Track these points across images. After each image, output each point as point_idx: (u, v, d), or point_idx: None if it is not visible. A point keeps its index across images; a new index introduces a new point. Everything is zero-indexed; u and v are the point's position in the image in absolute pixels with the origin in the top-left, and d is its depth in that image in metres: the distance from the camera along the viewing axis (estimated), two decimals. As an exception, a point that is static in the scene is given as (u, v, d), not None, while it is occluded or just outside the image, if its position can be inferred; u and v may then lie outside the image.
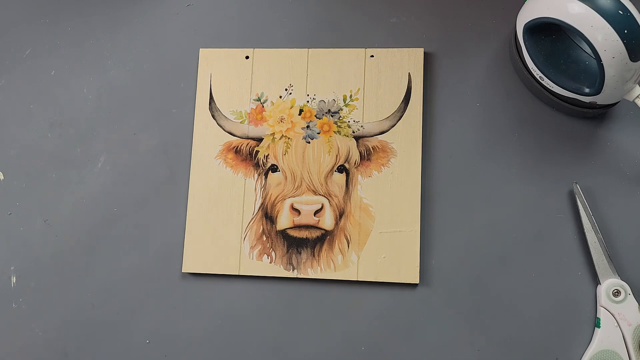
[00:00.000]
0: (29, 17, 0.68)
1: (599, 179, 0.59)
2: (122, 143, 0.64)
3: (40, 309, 0.62)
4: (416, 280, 0.58)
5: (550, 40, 0.57)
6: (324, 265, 0.59)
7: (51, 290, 0.62)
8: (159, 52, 0.65)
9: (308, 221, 0.59)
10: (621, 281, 0.56)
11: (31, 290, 0.62)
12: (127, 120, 0.64)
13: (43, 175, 0.64)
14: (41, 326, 0.61)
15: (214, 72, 0.64)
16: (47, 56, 0.67)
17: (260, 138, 0.62)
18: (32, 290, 0.62)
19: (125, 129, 0.64)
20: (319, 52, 0.63)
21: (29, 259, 0.60)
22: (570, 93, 0.56)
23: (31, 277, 0.62)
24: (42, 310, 0.62)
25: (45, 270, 0.62)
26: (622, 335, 0.55)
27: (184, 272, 0.60)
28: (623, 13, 0.50)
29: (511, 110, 0.61)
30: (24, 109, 0.66)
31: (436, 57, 0.62)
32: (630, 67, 0.51)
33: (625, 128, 0.59)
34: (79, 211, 0.63)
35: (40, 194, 0.63)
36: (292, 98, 0.62)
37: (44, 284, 0.62)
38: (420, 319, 0.58)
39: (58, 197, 0.63)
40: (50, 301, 0.62)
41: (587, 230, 0.56)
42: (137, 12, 0.67)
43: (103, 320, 0.61)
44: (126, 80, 0.65)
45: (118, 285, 0.61)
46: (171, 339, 0.60)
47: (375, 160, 0.60)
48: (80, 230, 0.63)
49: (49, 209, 0.63)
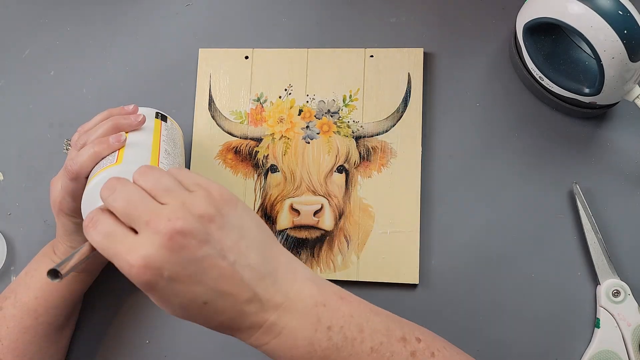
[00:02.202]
0: (29, 17, 0.68)
1: (599, 179, 0.58)
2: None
3: (41, 309, 0.62)
4: (416, 281, 0.58)
5: (550, 40, 0.57)
6: (323, 265, 0.59)
7: (51, 290, 0.62)
8: (159, 52, 0.65)
9: (308, 221, 0.59)
10: (621, 281, 0.56)
11: (31, 290, 0.62)
12: (127, 121, 0.64)
13: (43, 175, 0.64)
14: (41, 326, 0.62)
15: (213, 73, 0.64)
16: (47, 56, 0.67)
17: (260, 138, 0.62)
18: (32, 291, 0.62)
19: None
20: (319, 52, 0.63)
21: (29, 259, 0.60)
22: (570, 93, 0.56)
23: (31, 277, 0.62)
24: (42, 310, 0.62)
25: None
26: (621, 336, 0.55)
27: (183, 272, 0.60)
28: (623, 13, 0.50)
29: (511, 110, 0.61)
30: (24, 109, 0.66)
31: (436, 57, 0.62)
32: (630, 67, 0.51)
33: (625, 128, 0.59)
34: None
35: (40, 194, 0.63)
36: (292, 98, 0.62)
37: (44, 284, 0.62)
38: (420, 319, 0.58)
39: (58, 197, 0.63)
40: (50, 301, 0.62)
41: (587, 231, 0.56)
42: (137, 12, 0.67)
43: (103, 320, 0.61)
44: (126, 81, 0.65)
45: (118, 285, 0.61)
46: (171, 339, 0.60)
47: (374, 161, 0.60)
48: (80, 231, 0.63)
49: (49, 209, 0.63)
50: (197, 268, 0.37)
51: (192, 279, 0.37)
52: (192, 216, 0.38)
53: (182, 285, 0.37)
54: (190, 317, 0.39)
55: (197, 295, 0.38)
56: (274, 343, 0.40)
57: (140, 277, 0.37)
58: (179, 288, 0.37)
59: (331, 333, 0.40)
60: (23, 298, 0.54)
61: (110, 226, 0.38)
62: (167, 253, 0.37)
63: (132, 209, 0.38)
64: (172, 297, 0.38)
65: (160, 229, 0.37)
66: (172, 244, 0.37)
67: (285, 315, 0.40)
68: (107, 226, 0.38)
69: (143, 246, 0.37)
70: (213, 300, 0.38)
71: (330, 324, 0.40)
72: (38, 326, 0.54)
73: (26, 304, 0.54)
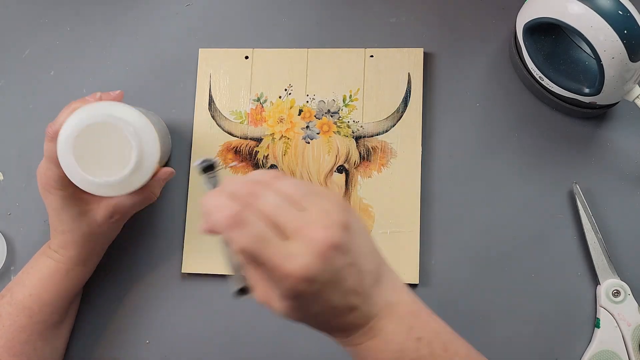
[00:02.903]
0: (29, 17, 0.68)
1: (599, 179, 0.58)
2: (122, 143, 0.64)
3: (41, 309, 0.62)
4: (416, 281, 0.58)
5: (550, 40, 0.57)
6: (323, 265, 0.59)
7: (51, 290, 0.62)
8: (159, 52, 0.65)
9: (308, 221, 0.59)
10: (621, 281, 0.56)
11: (31, 290, 0.62)
12: (127, 121, 0.64)
13: (43, 175, 0.64)
14: (41, 326, 0.62)
15: (213, 73, 0.64)
16: (47, 56, 0.67)
17: (260, 138, 0.62)
18: (32, 291, 0.62)
19: (125, 129, 0.64)
20: (319, 52, 0.63)
21: (29, 259, 0.60)
22: (570, 93, 0.56)
23: (31, 277, 0.62)
24: (42, 310, 0.62)
25: (45, 271, 0.62)
26: (621, 336, 0.55)
27: (183, 272, 0.60)
28: (623, 13, 0.50)
29: (511, 110, 0.61)
30: (24, 109, 0.66)
31: (436, 57, 0.62)
32: (630, 68, 0.51)
33: (625, 128, 0.59)
34: (79, 211, 0.63)
35: (40, 194, 0.63)
36: (292, 98, 0.62)
37: (44, 284, 0.62)
38: (420, 319, 0.58)
39: (58, 197, 0.63)
40: (50, 301, 0.62)
41: (586, 231, 0.56)
42: (137, 12, 0.67)
43: (103, 320, 0.61)
44: (126, 81, 0.65)
45: (118, 285, 0.61)
46: (171, 339, 0.60)
47: (374, 161, 0.60)
48: (80, 231, 0.62)
49: (49, 209, 0.63)
50: (339, 276, 0.38)
51: (334, 286, 0.38)
52: (337, 225, 0.37)
53: (325, 293, 0.37)
54: (307, 319, 0.40)
55: (331, 301, 0.38)
56: (368, 344, 0.40)
57: (295, 287, 0.36)
58: (321, 296, 0.37)
59: (420, 345, 0.40)
60: (18, 296, 0.54)
61: (262, 228, 0.37)
62: (322, 263, 0.36)
63: (281, 212, 0.37)
64: (312, 305, 0.38)
65: (317, 238, 0.36)
66: (327, 254, 0.37)
67: (384, 319, 0.40)
68: (259, 228, 0.37)
69: (301, 255, 0.36)
70: (340, 305, 0.38)
71: (420, 335, 0.40)
72: (33, 325, 0.54)
73: (21, 302, 0.54)
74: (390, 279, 0.41)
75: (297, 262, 0.36)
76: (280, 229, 0.37)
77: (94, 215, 0.54)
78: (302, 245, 0.37)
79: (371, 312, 0.40)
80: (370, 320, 0.40)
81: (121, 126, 0.50)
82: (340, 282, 0.38)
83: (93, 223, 0.54)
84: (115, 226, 0.57)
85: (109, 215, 0.54)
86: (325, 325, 0.40)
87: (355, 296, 0.39)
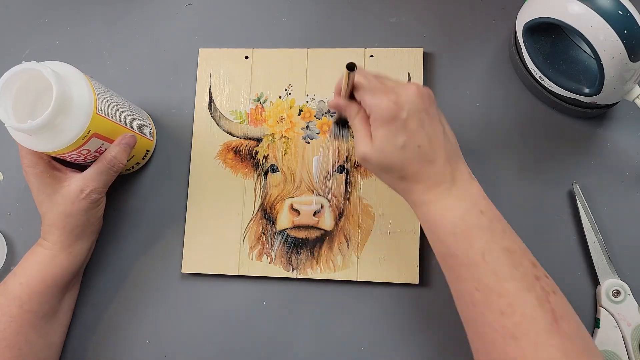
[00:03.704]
0: (29, 17, 0.68)
1: (599, 179, 0.58)
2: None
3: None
4: (416, 281, 0.58)
5: (550, 40, 0.57)
6: (323, 265, 0.59)
7: (51, 290, 0.62)
8: (159, 52, 0.65)
9: (308, 221, 0.59)
10: (621, 281, 0.56)
11: (31, 290, 0.62)
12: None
13: (43, 175, 0.64)
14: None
15: (213, 72, 0.64)
16: (47, 56, 0.67)
17: (260, 138, 0.62)
18: (32, 290, 0.62)
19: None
20: (319, 52, 0.63)
21: (29, 259, 0.60)
22: (570, 93, 0.56)
23: (31, 277, 0.62)
24: (42, 310, 0.62)
25: (45, 271, 0.62)
26: (621, 336, 0.55)
27: (183, 272, 0.60)
28: (623, 13, 0.50)
29: (511, 110, 0.61)
30: (24, 109, 0.66)
31: (436, 57, 0.62)
32: (629, 67, 0.51)
33: (625, 128, 0.59)
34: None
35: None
36: (292, 98, 0.62)
37: (44, 284, 0.62)
38: (419, 319, 0.58)
39: (58, 197, 0.63)
40: (50, 301, 0.62)
41: (586, 230, 0.56)
42: (136, 12, 0.67)
43: (103, 320, 0.61)
44: (126, 80, 0.65)
45: (118, 285, 0.61)
46: (171, 339, 0.60)
47: (374, 161, 0.60)
48: (80, 231, 0.62)
49: (49, 209, 0.63)
50: (424, 119, 0.48)
51: (421, 123, 0.47)
52: (425, 88, 0.49)
53: (413, 123, 0.47)
54: (395, 156, 0.47)
55: (417, 137, 0.47)
56: (440, 203, 0.47)
57: (390, 110, 0.47)
58: (410, 124, 0.47)
59: (482, 217, 0.47)
60: (10, 286, 0.55)
61: (374, 79, 0.50)
62: (417, 98, 0.48)
63: (382, 79, 0.50)
64: (401, 132, 0.47)
65: (412, 86, 0.48)
66: (421, 93, 0.48)
67: (458, 181, 0.48)
68: (372, 78, 0.50)
69: (404, 90, 0.48)
70: (424, 146, 0.47)
71: (483, 209, 0.47)
72: (23, 314, 0.55)
73: (12, 291, 0.55)
74: (466, 171, 0.49)
75: (400, 92, 0.48)
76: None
77: (67, 192, 0.55)
78: (405, 87, 0.48)
79: (448, 171, 0.48)
80: (447, 176, 0.48)
81: (39, 69, 0.49)
82: (425, 124, 0.47)
83: (67, 200, 0.55)
84: (91, 205, 0.56)
85: (79, 189, 0.55)
86: (408, 170, 0.48)
87: (438, 148, 0.48)
